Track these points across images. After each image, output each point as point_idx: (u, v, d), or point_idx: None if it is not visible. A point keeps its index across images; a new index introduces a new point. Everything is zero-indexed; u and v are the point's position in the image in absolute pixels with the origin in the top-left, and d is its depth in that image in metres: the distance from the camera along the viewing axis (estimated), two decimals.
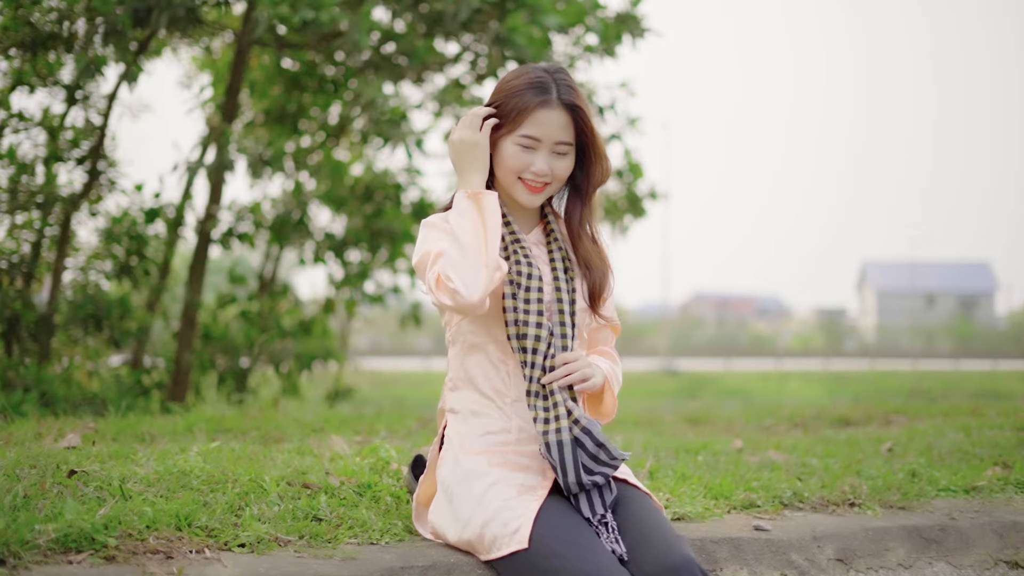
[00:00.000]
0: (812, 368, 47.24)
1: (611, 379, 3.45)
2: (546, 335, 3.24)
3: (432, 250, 3.24)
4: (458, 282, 3.10)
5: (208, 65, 13.07)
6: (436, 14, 9.53)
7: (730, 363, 50.95)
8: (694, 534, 3.69)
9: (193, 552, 3.01)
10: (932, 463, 5.18)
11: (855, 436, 6.13)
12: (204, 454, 4.07)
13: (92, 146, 10.50)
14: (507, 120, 3.33)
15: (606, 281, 3.45)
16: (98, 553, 2.90)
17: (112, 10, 8.88)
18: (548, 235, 3.46)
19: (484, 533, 3.12)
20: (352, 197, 12.25)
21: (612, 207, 12.07)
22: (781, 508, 4.19)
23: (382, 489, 3.80)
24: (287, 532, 3.24)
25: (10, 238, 10.85)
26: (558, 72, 3.36)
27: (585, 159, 3.42)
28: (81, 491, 3.36)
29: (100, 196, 11.53)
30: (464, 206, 3.22)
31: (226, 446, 4.41)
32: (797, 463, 5.04)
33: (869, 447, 5.68)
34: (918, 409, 7.62)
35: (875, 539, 3.96)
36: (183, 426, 5.51)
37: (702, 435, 6.41)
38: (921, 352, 56.56)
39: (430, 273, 3.19)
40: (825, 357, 53.88)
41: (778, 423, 7.11)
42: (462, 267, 3.12)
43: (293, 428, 5.67)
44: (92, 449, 4.15)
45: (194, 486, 3.57)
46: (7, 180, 10.39)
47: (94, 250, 11.56)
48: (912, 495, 4.42)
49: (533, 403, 3.23)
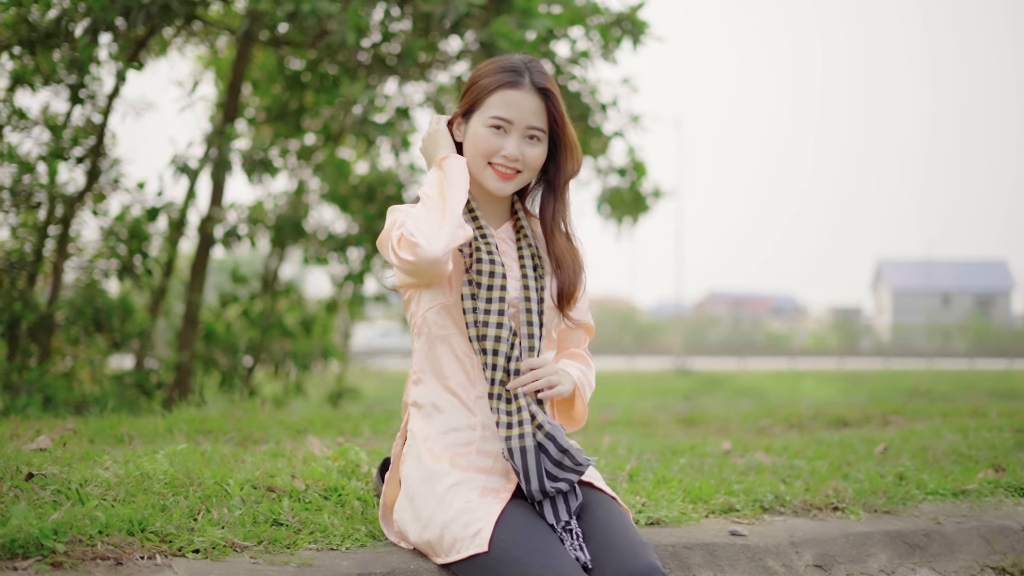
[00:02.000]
0: (827, 367, 47.06)
1: (581, 384, 3.36)
2: (507, 335, 3.15)
3: (397, 219, 3.17)
4: (419, 236, 3.03)
5: (213, 64, 13.05)
6: (424, 16, 9.48)
7: (744, 362, 50.78)
8: (668, 539, 3.60)
9: (144, 558, 2.94)
10: (924, 465, 5.09)
11: (848, 438, 6.03)
12: (171, 456, 3.99)
13: (92, 145, 10.47)
14: (478, 104, 3.27)
15: (577, 280, 3.36)
16: (45, 559, 2.83)
17: (102, 6, 8.84)
18: (518, 231, 3.38)
19: (444, 535, 3.04)
20: (355, 196, 12.21)
21: (617, 205, 11.99)
22: (761, 512, 4.10)
23: (349, 493, 3.72)
24: (245, 537, 3.16)
25: (13, 238, 10.83)
26: (531, 61, 3.32)
27: (556, 150, 3.36)
28: (37, 495, 3.29)
29: (103, 195, 11.52)
30: (431, 175, 3.20)
31: (197, 448, 4.34)
32: (784, 465, 4.95)
33: (862, 449, 5.59)
34: (918, 410, 7.52)
35: (856, 544, 3.87)
36: (163, 427, 5.43)
37: (694, 436, 6.33)
38: (937, 351, 56.27)
39: (393, 234, 3.12)
40: (840, 356, 53.65)
41: (774, 424, 7.01)
42: (423, 222, 3.06)
43: (276, 429, 5.59)
44: (59, 452, 4.08)
45: (155, 490, 3.49)
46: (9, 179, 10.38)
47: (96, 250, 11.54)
48: (897, 499, 4.33)
49: (496, 406, 3.15)
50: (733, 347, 60.27)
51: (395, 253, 3.08)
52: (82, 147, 10.32)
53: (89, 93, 10.06)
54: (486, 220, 3.33)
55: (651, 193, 11.78)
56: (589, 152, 11.52)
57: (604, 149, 11.49)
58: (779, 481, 4.55)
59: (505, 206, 3.41)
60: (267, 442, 5.10)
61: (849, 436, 6.13)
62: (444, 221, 3.06)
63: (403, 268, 3.11)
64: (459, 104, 3.34)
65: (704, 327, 73.58)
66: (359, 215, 11.91)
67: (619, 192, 11.71)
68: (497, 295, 3.18)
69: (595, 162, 11.68)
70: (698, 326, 73.52)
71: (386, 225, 3.23)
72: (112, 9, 8.80)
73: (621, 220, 12.10)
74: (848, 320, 75.34)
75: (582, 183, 11.84)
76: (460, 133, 3.34)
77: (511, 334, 3.17)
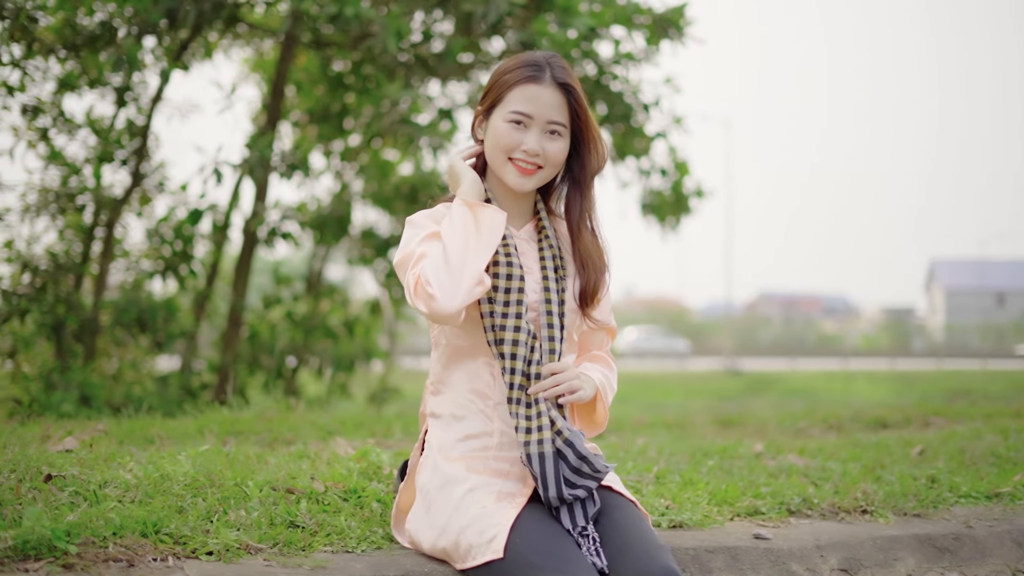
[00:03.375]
0: (879, 368, 46.66)
1: (603, 388, 3.31)
2: (525, 338, 3.11)
3: (416, 251, 3.12)
4: (436, 288, 2.99)
5: (259, 67, 13.12)
6: (466, 16, 9.48)
7: (795, 363, 50.44)
8: (689, 543, 3.55)
9: (156, 560, 2.93)
10: (960, 468, 5.01)
11: (886, 440, 5.95)
12: (193, 457, 3.99)
13: (136, 147, 10.56)
14: (499, 100, 3.24)
15: (602, 280, 3.31)
16: (57, 561, 2.83)
17: (147, 8, 8.91)
18: (540, 232, 3.34)
19: (460, 541, 3.01)
20: (398, 197, 12.23)
21: (660, 205, 11.94)
22: (787, 515, 4.04)
23: (368, 495, 3.70)
24: (260, 539, 3.15)
25: (60, 240, 10.94)
26: (553, 57, 3.27)
27: (580, 145, 3.31)
28: (55, 496, 3.29)
29: (149, 198, 11.61)
30: (460, 214, 3.10)
31: (220, 449, 4.33)
32: (816, 468, 4.88)
33: (898, 451, 5.51)
34: (960, 411, 7.41)
35: (883, 548, 3.80)
36: (194, 428, 5.44)
37: (730, 438, 6.27)
38: (990, 352, 55.62)
39: (410, 274, 3.07)
40: (892, 357, 53.17)
41: (812, 426, 6.94)
42: (443, 273, 3.00)
43: (307, 430, 5.59)
44: (84, 453, 4.08)
45: (174, 491, 3.49)
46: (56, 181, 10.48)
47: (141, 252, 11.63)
48: (928, 502, 4.27)
49: (515, 410, 3.10)
50: (784, 348, 59.87)
51: (410, 296, 3.05)
52: (126, 149, 10.42)
53: (134, 96, 10.15)
54: (508, 219, 3.30)
55: (694, 193, 11.72)
56: (632, 153, 11.48)
57: (647, 150, 11.44)
58: (809, 483, 4.49)
59: (528, 205, 3.37)
60: (296, 443, 5.10)
61: (886, 438, 6.05)
62: (463, 277, 3.00)
63: (419, 311, 3.08)
64: (480, 101, 3.32)
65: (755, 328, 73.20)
66: (402, 216, 11.93)
67: (661, 193, 11.66)
68: (515, 298, 3.14)
69: (638, 163, 11.64)
70: (749, 327, 73.15)
71: (403, 245, 3.18)
72: (155, 11, 8.87)
73: (664, 220, 12.06)
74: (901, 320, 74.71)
75: (625, 184, 11.79)
76: (482, 131, 3.31)
77: (530, 337, 3.13)
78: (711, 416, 7.52)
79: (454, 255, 3.02)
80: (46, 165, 10.29)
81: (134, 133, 10.63)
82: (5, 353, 10.91)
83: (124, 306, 10.83)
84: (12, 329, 10.57)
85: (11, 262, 10.61)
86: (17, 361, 10.92)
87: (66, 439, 4.44)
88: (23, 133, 10.25)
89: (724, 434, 6.57)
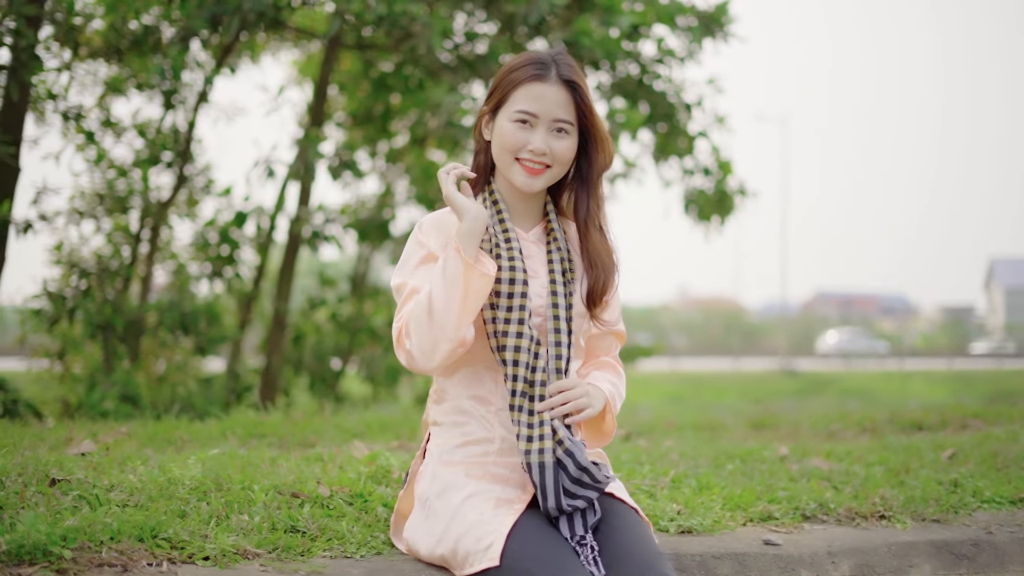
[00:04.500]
0: (937, 368, 46.15)
1: (612, 398, 3.26)
2: (528, 344, 3.07)
3: (408, 284, 3.13)
4: (416, 347, 3.01)
5: (305, 69, 13.20)
6: (508, 16, 9.48)
7: (851, 363, 50.00)
8: (696, 548, 3.50)
9: (151, 565, 2.93)
10: (991, 471, 4.93)
11: (917, 442, 5.85)
12: (203, 461, 3.99)
13: (181, 150, 10.65)
14: (505, 100, 3.20)
15: (610, 280, 3.26)
16: (52, 566, 2.84)
17: (191, 14, 8.98)
18: (548, 234, 3.30)
19: (457, 548, 2.99)
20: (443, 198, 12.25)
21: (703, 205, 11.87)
22: (801, 521, 3.98)
23: (374, 499, 3.68)
24: (260, 544, 3.14)
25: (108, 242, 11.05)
26: (559, 54, 3.23)
27: (587, 143, 3.26)
28: (57, 500, 3.30)
29: (196, 200, 11.71)
30: (454, 268, 3.00)
31: (234, 452, 4.34)
32: (840, 471, 4.80)
33: (929, 454, 5.42)
34: (999, 413, 7.28)
35: (898, 555, 3.74)
36: (218, 431, 5.46)
37: (761, 441, 6.20)
38: None
39: (397, 318, 3.11)
40: (950, 357, 52.59)
41: (845, 428, 6.85)
42: (424, 330, 3.00)
43: (333, 433, 5.59)
44: (96, 457, 4.10)
45: (179, 495, 3.48)
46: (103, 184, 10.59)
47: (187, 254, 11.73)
48: (948, 507, 4.19)
49: (516, 418, 3.06)
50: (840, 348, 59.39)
51: (394, 344, 3.09)
52: (172, 152, 10.51)
53: (181, 99, 10.24)
54: (516, 221, 3.27)
55: (736, 192, 11.63)
56: (675, 152, 11.43)
57: (690, 149, 11.39)
58: (831, 488, 4.42)
59: (537, 207, 3.32)
60: (316, 446, 5.10)
61: (918, 441, 5.95)
62: (443, 339, 2.99)
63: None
64: (486, 101, 3.28)
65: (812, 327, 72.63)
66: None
67: (704, 192, 11.59)
68: (518, 303, 3.10)
69: (680, 162, 11.58)
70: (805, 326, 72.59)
71: (403, 262, 3.20)
72: (200, 19, 8.93)
73: (709, 219, 11.99)
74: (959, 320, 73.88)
75: (668, 183, 11.74)
76: (488, 131, 3.27)
77: (534, 343, 3.08)
78: (745, 419, 7.45)
79: (437, 313, 2.99)
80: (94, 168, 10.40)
81: (179, 136, 10.72)
82: (55, 354, 11.05)
83: (167, 308, 10.93)
84: (61, 331, 10.70)
85: (59, 264, 10.74)
86: (66, 362, 11.06)
87: (84, 442, 4.46)
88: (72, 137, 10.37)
89: (755, 436, 6.51)
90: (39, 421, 6.93)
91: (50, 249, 10.59)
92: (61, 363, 11.08)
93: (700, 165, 11.55)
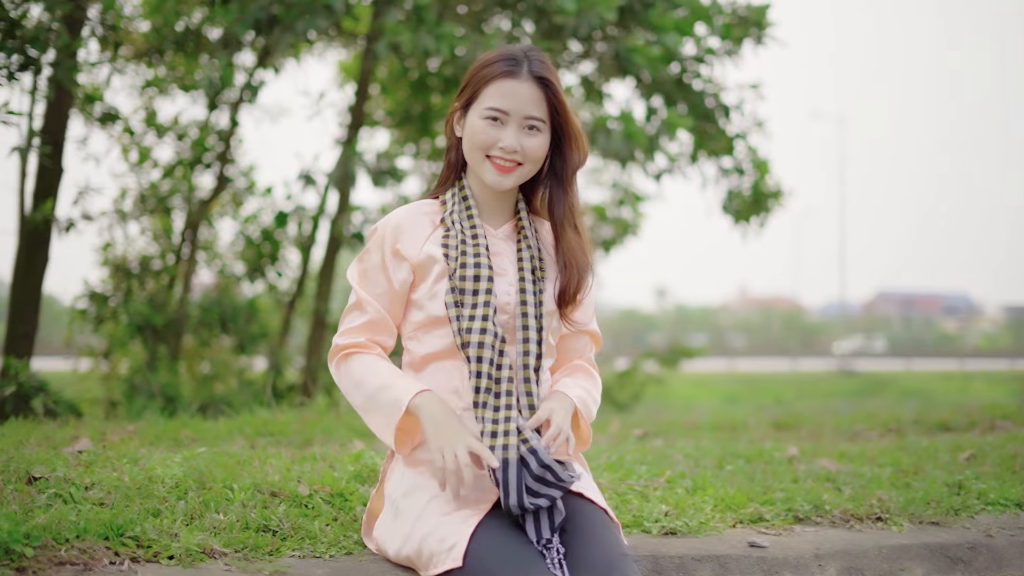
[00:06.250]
0: (999, 368, 45.52)
1: (584, 405, 3.20)
2: (491, 340, 3.02)
3: (360, 292, 3.19)
4: (342, 389, 3.20)
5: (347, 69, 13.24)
6: (556, 28, 9.51)
7: (911, 363, 49.46)
8: (677, 550, 3.44)
9: (113, 564, 2.92)
10: (1005, 474, 4.82)
11: (936, 443, 5.73)
12: (188, 459, 3.98)
13: (222, 150, 10.73)
14: (475, 96, 3.16)
15: (584, 279, 3.21)
16: (12, 563, 2.83)
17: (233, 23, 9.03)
18: (519, 232, 3.26)
19: (422, 548, 2.96)
20: None
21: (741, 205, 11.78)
22: (793, 523, 3.90)
23: (355, 498, 3.65)
24: (228, 543, 3.12)
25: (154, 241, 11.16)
26: (531, 50, 3.18)
27: (561, 141, 3.21)
28: (33, 498, 3.30)
29: (240, 200, 11.79)
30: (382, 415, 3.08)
31: (219, 451, 4.32)
32: (848, 473, 4.71)
33: (945, 456, 5.31)
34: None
35: (889, 558, 3.65)
36: (226, 430, 5.46)
37: (779, 441, 6.11)
38: None
39: (341, 329, 3.20)
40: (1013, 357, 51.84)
41: (870, 429, 6.73)
42: (348, 394, 3.19)
43: (342, 432, 5.56)
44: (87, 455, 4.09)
45: (157, 493, 3.47)
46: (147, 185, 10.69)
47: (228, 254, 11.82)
48: (948, 509, 4.10)
49: (481, 414, 3.02)
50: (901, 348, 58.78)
51: (329, 355, 3.22)
52: (213, 152, 10.60)
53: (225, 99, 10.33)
54: (485, 218, 3.24)
55: (773, 192, 11.52)
56: (712, 152, 11.35)
57: (729, 150, 11.30)
58: (832, 489, 4.34)
59: (508, 204, 3.28)
60: (319, 445, 5.08)
61: (937, 442, 5.82)
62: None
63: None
64: (457, 97, 3.24)
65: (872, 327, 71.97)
66: None
67: (740, 193, 11.50)
68: (483, 299, 3.06)
69: (719, 162, 11.50)
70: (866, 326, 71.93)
71: (358, 257, 3.25)
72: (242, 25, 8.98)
73: (747, 220, 11.89)
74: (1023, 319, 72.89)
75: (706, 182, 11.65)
76: (460, 128, 3.24)
77: (498, 340, 3.04)
78: (768, 419, 7.35)
79: (354, 402, 3.17)
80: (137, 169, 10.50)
81: (222, 136, 10.80)
82: (100, 354, 11.17)
83: (208, 308, 11.01)
84: (108, 331, 10.82)
85: (106, 264, 10.85)
86: (112, 361, 11.17)
87: (81, 440, 4.48)
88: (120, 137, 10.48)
89: (775, 437, 6.41)
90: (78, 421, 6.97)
91: (96, 249, 10.72)
92: (107, 363, 11.20)
93: (737, 164, 11.46)
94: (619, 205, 15.68)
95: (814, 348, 60.22)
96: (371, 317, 3.15)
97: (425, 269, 3.12)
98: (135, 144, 10.61)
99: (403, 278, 3.14)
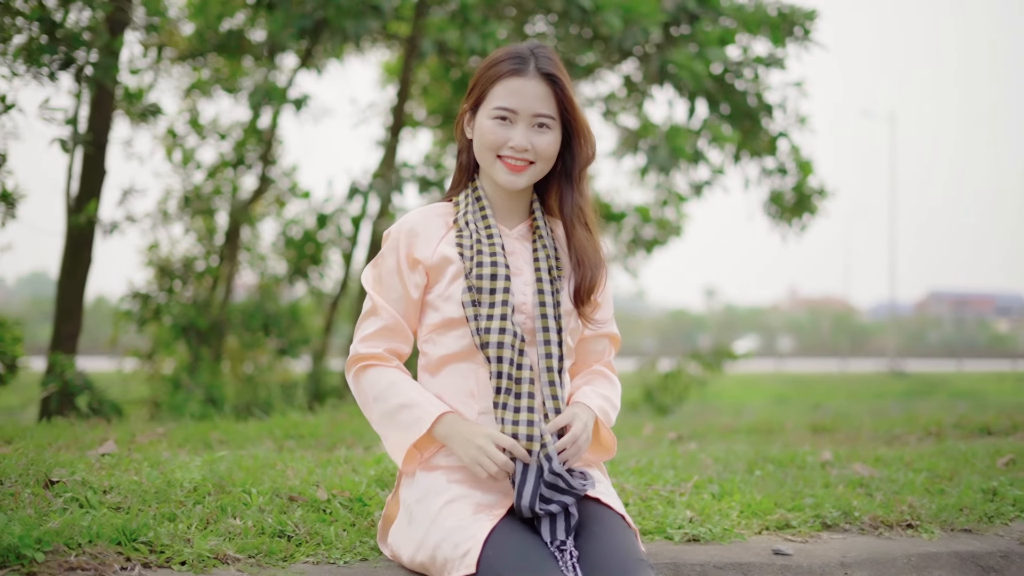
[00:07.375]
0: None
1: (603, 414, 3.16)
2: (510, 340, 2.98)
3: (375, 298, 3.17)
4: (357, 398, 3.21)
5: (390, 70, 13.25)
6: (603, 38, 9.50)
7: (963, 364, 48.92)
8: (699, 558, 3.38)
9: (124, 569, 2.90)
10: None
11: (976, 448, 5.60)
12: (208, 463, 3.96)
13: (263, 151, 10.77)
14: (484, 97, 3.13)
15: (598, 276, 3.17)
16: (23, 568, 2.81)
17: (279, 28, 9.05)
18: (534, 231, 3.22)
19: (436, 555, 2.92)
20: None
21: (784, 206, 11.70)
22: (821, 530, 3.82)
23: (374, 503, 3.61)
24: (241, 549, 3.09)
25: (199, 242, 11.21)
26: (538, 47, 3.15)
27: (570, 137, 3.18)
28: (49, 502, 3.29)
29: (283, 202, 11.83)
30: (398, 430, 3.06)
31: (246, 454, 4.30)
32: (882, 478, 4.61)
33: (984, 461, 5.18)
34: None
35: (918, 566, 3.56)
36: (255, 432, 5.44)
37: (817, 445, 6.01)
38: None
39: (358, 335, 3.18)
40: None
41: (909, 432, 6.61)
42: (362, 405, 3.19)
43: (370, 435, 5.52)
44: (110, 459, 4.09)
45: (175, 498, 3.45)
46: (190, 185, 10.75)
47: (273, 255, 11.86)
48: (981, 516, 4.01)
49: (501, 415, 2.98)
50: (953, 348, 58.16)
51: (347, 364, 3.20)
52: (255, 154, 10.64)
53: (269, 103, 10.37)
54: (500, 219, 3.20)
55: (816, 192, 11.42)
56: (755, 152, 11.26)
57: (772, 149, 11.21)
58: (863, 495, 4.25)
59: (522, 204, 3.24)
60: (345, 448, 5.05)
61: (977, 446, 5.69)
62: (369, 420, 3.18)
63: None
64: (465, 99, 3.21)
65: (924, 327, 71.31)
66: None
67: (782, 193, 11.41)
68: (500, 298, 3.02)
69: (761, 161, 11.42)
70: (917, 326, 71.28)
71: (375, 258, 3.21)
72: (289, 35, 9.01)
73: (789, 221, 11.80)
74: None
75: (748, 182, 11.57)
76: (470, 130, 3.20)
77: (518, 340, 3.00)
78: (806, 422, 7.25)
79: (371, 414, 3.15)
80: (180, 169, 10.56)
81: (263, 138, 10.83)
82: (145, 355, 11.23)
83: (251, 311, 11.05)
84: (153, 331, 10.88)
85: (150, 265, 10.91)
86: (156, 362, 11.24)
87: (106, 442, 4.47)
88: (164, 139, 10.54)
89: (811, 440, 6.31)
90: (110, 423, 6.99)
91: (142, 250, 10.78)
92: (151, 363, 11.27)
93: (780, 165, 11.37)
94: (663, 206, 15.60)
95: (864, 349, 59.70)
96: (387, 323, 3.12)
97: (440, 270, 3.09)
98: (178, 145, 10.68)
99: (418, 282, 3.11)
